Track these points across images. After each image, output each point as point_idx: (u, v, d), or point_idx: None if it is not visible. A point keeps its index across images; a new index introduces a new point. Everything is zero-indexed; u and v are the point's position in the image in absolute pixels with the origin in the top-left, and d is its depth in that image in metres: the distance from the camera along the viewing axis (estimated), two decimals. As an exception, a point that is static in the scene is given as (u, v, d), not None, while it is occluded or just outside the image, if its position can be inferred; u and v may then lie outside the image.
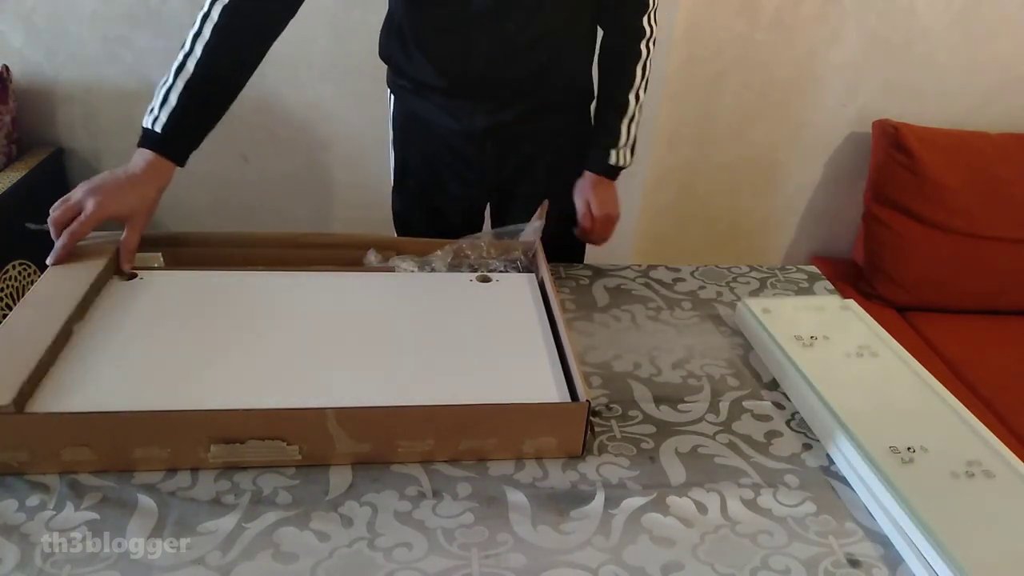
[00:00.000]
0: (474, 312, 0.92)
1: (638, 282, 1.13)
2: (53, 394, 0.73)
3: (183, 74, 0.93)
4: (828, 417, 0.82)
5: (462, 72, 1.09)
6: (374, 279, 0.98)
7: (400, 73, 1.16)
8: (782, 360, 0.92)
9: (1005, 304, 1.81)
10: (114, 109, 1.77)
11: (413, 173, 1.24)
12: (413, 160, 1.23)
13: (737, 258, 1.95)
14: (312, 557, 0.65)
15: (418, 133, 1.20)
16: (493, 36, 1.05)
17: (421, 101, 1.16)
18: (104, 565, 0.63)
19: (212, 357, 0.81)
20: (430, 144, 1.20)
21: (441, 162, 1.20)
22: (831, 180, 2.03)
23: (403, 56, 1.13)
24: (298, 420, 0.71)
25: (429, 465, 0.75)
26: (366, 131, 1.82)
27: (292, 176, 1.91)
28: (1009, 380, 1.55)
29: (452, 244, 1.03)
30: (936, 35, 1.83)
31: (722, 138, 1.95)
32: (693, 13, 1.77)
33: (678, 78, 1.85)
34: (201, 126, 0.96)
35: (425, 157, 1.22)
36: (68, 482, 0.70)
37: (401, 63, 1.14)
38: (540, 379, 0.81)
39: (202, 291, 0.92)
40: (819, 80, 1.88)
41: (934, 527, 0.67)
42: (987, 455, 0.77)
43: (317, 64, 1.76)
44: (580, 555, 0.67)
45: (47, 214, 0.88)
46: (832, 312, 1.02)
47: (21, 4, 1.66)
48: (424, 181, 1.23)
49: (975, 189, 1.77)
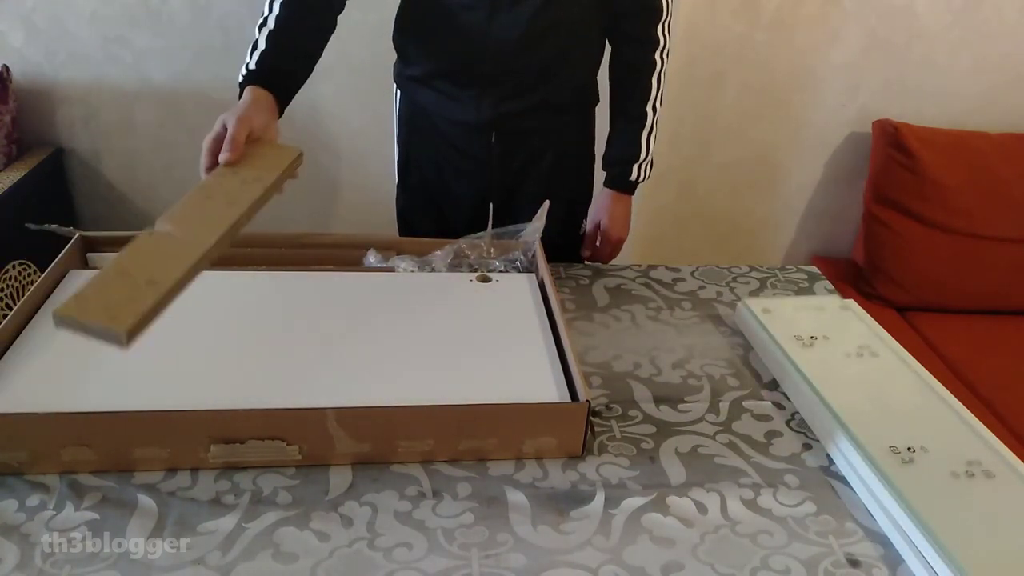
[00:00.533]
0: (474, 312, 0.92)
1: (638, 282, 1.13)
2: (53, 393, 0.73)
3: (266, 27, 0.97)
4: (828, 417, 0.82)
5: (474, 57, 1.09)
6: (374, 279, 0.98)
7: (410, 62, 1.16)
8: (782, 360, 0.92)
9: (1005, 304, 1.81)
10: (114, 109, 1.77)
11: (418, 171, 1.24)
12: (418, 158, 1.23)
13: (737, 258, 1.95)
14: (312, 557, 0.65)
15: (424, 129, 1.20)
16: (506, 22, 1.05)
17: (429, 92, 1.16)
18: (104, 565, 0.63)
19: (212, 357, 0.81)
20: (436, 141, 1.20)
21: (446, 160, 1.20)
22: (831, 180, 2.03)
23: (416, 42, 1.14)
24: (298, 420, 0.71)
25: (429, 465, 0.75)
26: (367, 131, 1.81)
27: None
28: (1009, 380, 1.55)
29: (452, 244, 1.03)
30: (936, 35, 1.83)
31: (722, 138, 1.95)
32: (693, 13, 1.77)
33: (678, 78, 1.85)
34: (293, 67, 0.98)
35: (430, 155, 1.22)
36: (68, 482, 0.70)
37: (414, 50, 1.14)
38: (540, 379, 0.81)
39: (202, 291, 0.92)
40: (819, 80, 1.88)
41: (934, 527, 0.67)
42: (987, 455, 0.77)
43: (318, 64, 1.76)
44: (580, 555, 0.67)
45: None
46: (832, 312, 1.02)
47: (21, 4, 1.66)
48: (429, 179, 1.23)
49: (975, 189, 1.77)
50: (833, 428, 0.80)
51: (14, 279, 1.57)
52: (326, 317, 0.89)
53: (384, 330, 0.88)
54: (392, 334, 0.87)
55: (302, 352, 0.83)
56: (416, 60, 1.16)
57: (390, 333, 0.87)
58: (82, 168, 1.84)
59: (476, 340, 0.87)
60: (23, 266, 1.59)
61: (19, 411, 0.70)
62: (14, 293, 1.57)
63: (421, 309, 0.92)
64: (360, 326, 0.88)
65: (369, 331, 0.87)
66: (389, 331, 0.88)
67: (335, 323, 0.88)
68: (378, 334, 0.87)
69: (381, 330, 0.88)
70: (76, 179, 1.85)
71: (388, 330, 0.88)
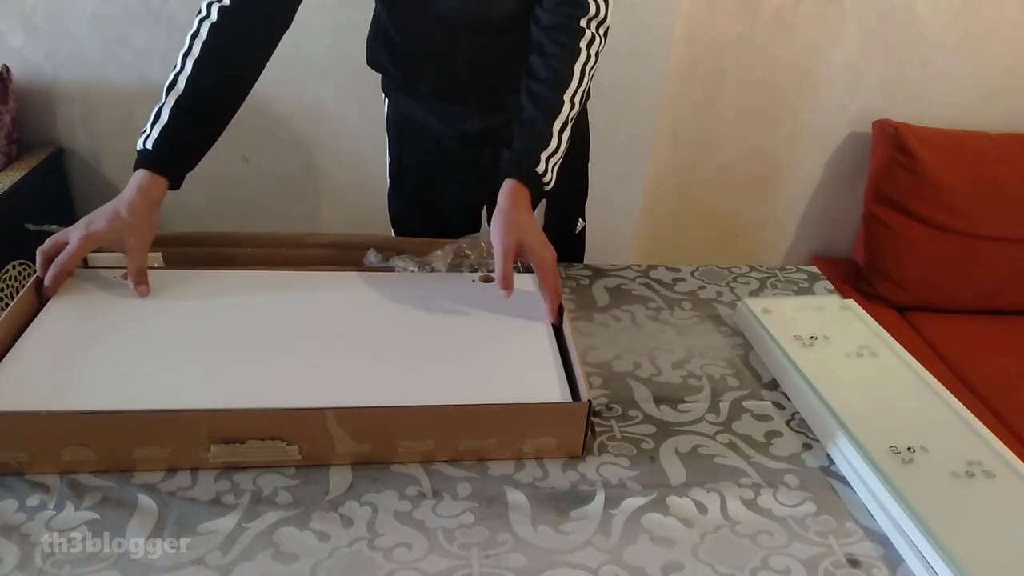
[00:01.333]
0: (475, 312, 0.92)
1: (638, 282, 1.13)
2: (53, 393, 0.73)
3: (174, 91, 0.91)
4: (828, 417, 0.82)
5: (448, 79, 1.10)
6: (375, 279, 0.98)
7: (391, 79, 1.16)
8: (782, 360, 0.92)
9: (1005, 304, 1.81)
10: (114, 109, 1.77)
11: (409, 176, 1.24)
12: (409, 163, 1.23)
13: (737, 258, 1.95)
14: (312, 557, 0.65)
15: (413, 136, 1.20)
16: (473, 42, 1.05)
17: (415, 104, 1.16)
18: (104, 565, 0.63)
19: (212, 357, 0.81)
20: (425, 147, 1.20)
21: (437, 165, 1.20)
22: (831, 180, 2.03)
23: (392, 64, 1.13)
24: (298, 420, 0.71)
25: (429, 465, 0.75)
26: (366, 131, 1.81)
27: (292, 176, 1.91)
28: (1009, 380, 1.55)
29: (452, 244, 1.03)
30: (936, 35, 1.83)
31: (722, 138, 1.95)
32: (693, 13, 1.77)
33: (678, 78, 1.85)
34: (194, 142, 0.94)
35: (421, 160, 1.22)
36: (68, 482, 0.70)
37: (391, 71, 1.14)
38: (542, 379, 0.81)
39: (203, 291, 0.92)
40: (819, 80, 1.88)
41: (934, 527, 0.67)
42: (987, 455, 0.77)
43: (317, 64, 1.76)
44: (580, 555, 0.67)
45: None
46: (832, 312, 1.02)
47: (21, 4, 1.66)
48: (420, 184, 1.24)
49: (975, 189, 1.77)
50: (833, 428, 0.80)
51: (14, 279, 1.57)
52: (327, 317, 0.89)
53: (385, 330, 0.88)
54: (393, 334, 0.87)
55: (302, 352, 0.83)
56: (394, 81, 1.16)
57: (391, 333, 0.87)
58: (82, 168, 1.84)
59: (477, 340, 0.87)
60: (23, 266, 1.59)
61: (19, 411, 0.70)
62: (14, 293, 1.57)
63: (422, 309, 0.92)
64: (361, 326, 0.88)
65: (370, 331, 0.87)
66: (390, 331, 0.88)
67: (336, 323, 0.88)
68: (379, 334, 0.87)
69: (382, 330, 0.88)
70: (76, 179, 1.85)
71: (389, 330, 0.88)
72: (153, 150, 0.90)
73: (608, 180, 1.82)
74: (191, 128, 0.93)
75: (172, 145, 0.91)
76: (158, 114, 0.91)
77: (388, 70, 1.15)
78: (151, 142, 0.91)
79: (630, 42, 1.72)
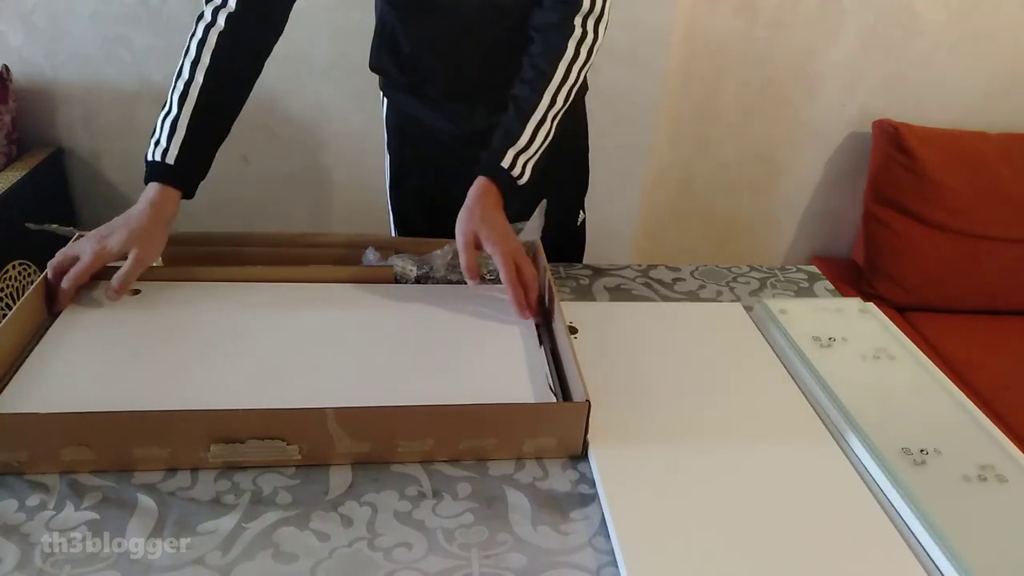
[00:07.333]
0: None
1: (638, 282, 1.13)
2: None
3: (188, 102, 0.91)
4: (840, 418, 0.81)
5: (457, 77, 1.09)
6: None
7: (395, 81, 1.16)
8: (797, 361, 0.91)
9: (1005, 304, 1.81)
10: (114, 109, 1.77)
11: (412, 175, 1.24)
12: (411, 162, 1.23)
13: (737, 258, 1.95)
14: (312, 557, 0.65)
15: (416, 135, 1.20)
16: (482, 42, 1.05)
17: (417, 103, 1.16)
18: (104, 565, 0.63)
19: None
20: (429, 146, 1.20)
21: (442, 164, 1.20)
22: (831, 180, 2.03)
23: (397, 67, 1.13)
24: (298, 420, 0.71)
25: (429, 465, 0.75)
26: (366, 131, 1.81)
27: (292, 176, 1.91)
28: (1009, 380, 1.55)
29: (452, 243, 1.03)
30: (936, 34, 1.83)
31: (722, 137, 1.95)
32: (692, 11, 1.78)
33: (677, 76, 1.85)
34: (210, 153, 0.96)
35: (424, 159, 1.22)
36: (68, 482, 0.70)
37: (396, 73, 1.14)
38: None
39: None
40: (819, 79, 1.88)
41: (944, 530, 0.67)
42: (1000, 459, 0.76)
43: (317, 64, 1.76)
44: (580, 555, 0.67)
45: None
46: (851, 314, 1.01)
47: (21, 4, 1.66)
48: (424, 183, 1.23)
49: (975, 189, 1.77)
50: (844, 428, 0.80)
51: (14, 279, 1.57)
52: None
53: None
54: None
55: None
56: (400, 86, 1.16)
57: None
58: (82, 168, 1.84)
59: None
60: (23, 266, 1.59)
61: (19, 411, 0.70)
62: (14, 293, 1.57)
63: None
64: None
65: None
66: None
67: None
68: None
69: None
70: (76, 179, 1.85)
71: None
72: (176, 165, 0.91)
73: (608, 180, 1.82)
74: (207, 140, 0.94)
75: (193, 159, 0.93)
76: (174, 126, 0.91)
77: (394, 78, 1.15)
78: (172, 157, 0.91)
79: (629, 42, 1.72)
